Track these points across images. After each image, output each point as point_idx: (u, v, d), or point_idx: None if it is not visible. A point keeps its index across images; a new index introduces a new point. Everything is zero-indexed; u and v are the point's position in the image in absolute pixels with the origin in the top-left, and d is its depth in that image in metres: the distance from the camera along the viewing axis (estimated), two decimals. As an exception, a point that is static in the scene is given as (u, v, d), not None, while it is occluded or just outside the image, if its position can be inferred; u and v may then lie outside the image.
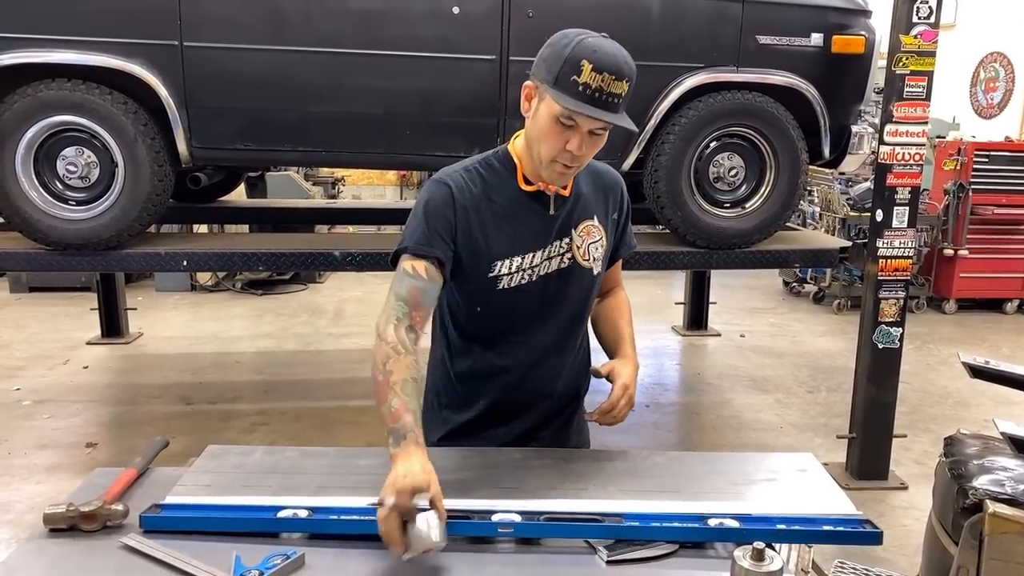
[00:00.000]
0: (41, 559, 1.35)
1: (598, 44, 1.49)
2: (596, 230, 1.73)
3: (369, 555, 1.36)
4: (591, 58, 1.47)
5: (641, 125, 3.50)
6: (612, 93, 1.48)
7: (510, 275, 1.65)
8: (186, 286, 7.46)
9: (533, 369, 1.73)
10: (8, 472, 3.80)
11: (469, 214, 1.61)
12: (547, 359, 1.74)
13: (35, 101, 3.25)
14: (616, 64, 1.48)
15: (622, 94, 1.50)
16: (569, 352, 1.78)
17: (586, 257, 1.71)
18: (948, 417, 4.67)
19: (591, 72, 1.46)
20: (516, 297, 1.66)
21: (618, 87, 1.49)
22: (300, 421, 4.51)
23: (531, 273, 1.66)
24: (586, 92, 1.47)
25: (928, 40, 3.46)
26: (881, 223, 3.63)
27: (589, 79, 1.46)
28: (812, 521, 1.42)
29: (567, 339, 1.76)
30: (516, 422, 1.77)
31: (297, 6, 3.38)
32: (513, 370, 1.72)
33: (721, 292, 6.91)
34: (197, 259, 3.65)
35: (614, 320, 1.84)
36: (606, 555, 1.35)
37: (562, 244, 1.68)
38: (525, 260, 1.65)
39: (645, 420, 4.66)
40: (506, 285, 1.65)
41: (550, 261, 1.68)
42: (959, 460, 2.01)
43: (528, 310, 1.69)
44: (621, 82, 1.49)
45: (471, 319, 1.71)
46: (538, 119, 1.55)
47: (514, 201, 1.65)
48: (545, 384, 1.76)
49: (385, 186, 11.68)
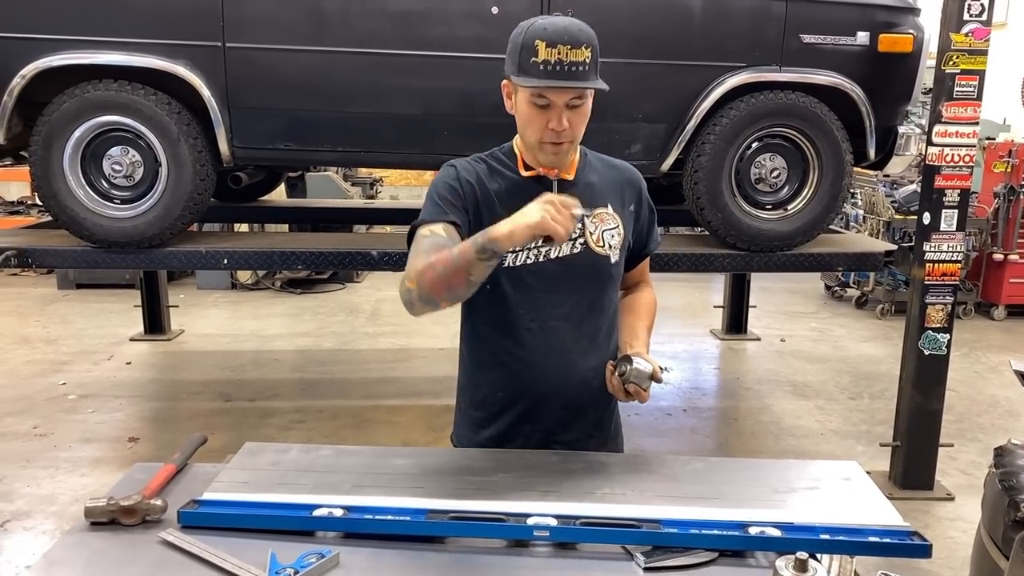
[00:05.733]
0: (82, 552, 1.37)
1: (548, 22, 1.56)
2: (611, 218, 1.72)
3: (404, 555, 1.35)
4: (543, 36, 1.53)
5: (681, 125, 3.46)
6: (573, 62, 1.53)
7: (514, 253, 1.65)
8: (227, 284, 7.58)
9: (549, 359, 1.70)
10: (53, 464, 3.89)
11: (475, 189, 1.68)
12: (563, 349, 1.71)
13: (83, 101, 3.32)
14: (569, 34, 1.53)
15: (585, 60, 1.54)
16: (589, 345, 1.73)
17: (600, 243, 1.70)
18: (997, 427, 4.54)
19: (546, 49, 1.52)
20: (523, 277, 1.67)
21: (578, 55, 1.53)
22: (336, 419, 4.55)
23: (537, 253, 1.67)
24: (547, 69, 1.53)
25: (980, 38, 3.37)
26: (929, 226, 3.54)
27: (547, 56, 1.52)
28: (857, 532, 1.38)
29: (584, 329, 1.72)
30: (538, 418, 1.74)
31: (337, 7, 3.40)
32: (528, 360, 1.70)
33: (761, 296, 6.82)
34: (237, 257, 3.69)
35: (630, 316, 1.81)
36: (643, 562, 1.33)
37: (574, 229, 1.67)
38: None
39: (682, 424, 4.61)
40: (511, 263, 1.66)
41: (559, 245, 1.66)
42: (1010, 471, 1.94)
43: (538, 292, 1.68)
44: (579, 49, 1.53)
45: (486, 302, 1.69)
46: (518, 110, 1.63)
47: (516, 184, 1.69)
48: (561, 377, 1.71)
49: (423, 187, 11.73)
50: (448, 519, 1.40)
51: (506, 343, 1.72)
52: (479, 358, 1.77)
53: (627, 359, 1.65)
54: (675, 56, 3.50)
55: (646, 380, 1.62)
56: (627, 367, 1.63)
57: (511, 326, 1.71)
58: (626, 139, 3.47)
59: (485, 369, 1.77)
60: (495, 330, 1.73)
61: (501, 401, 1.75)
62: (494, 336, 1.73)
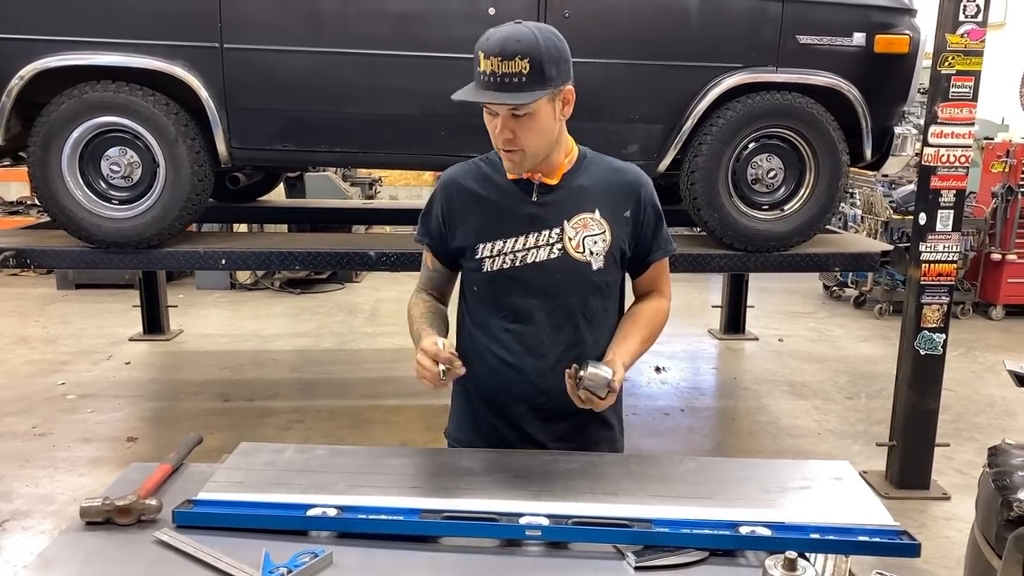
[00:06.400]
0: (77, 552, 1.38)
1: (493, 32, 1.55)
2: (596, 224, 1.71)
3: (397, 554, 1.36)
4: (483, 47, 1.54)
5: (678, 126, 3.47)
6: (508, 73, 1.51)
7: (491, 258, 1.71)
8: (226, 284, 7.59)
9: (525, 359, 1.72)
10: (52, 464, 3.90)
11: (453, 201, 1.74)
12: (539, 352, 1.72)
13: (81, 102, 3.33)
14: (500, 46, 1.51)
15: (521, 72, 1.51)
16: (569, 351, 1.71)
17: (579, 249, 1.70)
18: (994, 426, 4.55)
19: (484, 60, 1.53)
20: (502, 281, 1.71)
21: (510, 67, 1.51)
22: (335, 419, 4.56)
23: (513, 258, 1.70)
24: (485, 79, 1.54)
25: (975, 39, 3.37)
26: (924, 226, 3.55)
27: (484, 67, 1.53)
28: (847, 531, 1.39)
29: (564, 335, 1.72)
30: (510, 416, 1.76)
31: (335, 8, 3.41)
32: (504, 358, 1.73)
33: (759, 296, 6.82)
34: (236, 258, 3.70)
35: (626, 322, 1.78)
36: (634, 561, 1.34)
37: (551, 234, 1.69)
38: (507, 244, 1.70)
39: (680, 424, 4.61)
40: (489, 268, 1.71)
41: (538, 250, 1.69)
42: (1004, 471, 1.95)
43: (516, 296, 1.72)
44: (511, 61, 1.51)
45: (473, 303, 1.79)
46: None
47: (500, 189, 1.73)
48: (535, 378, 1.72)
49: (422, 187, 11.73)
50: (441, 519, 1.41)
51: (485, 340, 1.76)
52: (463, 349, 1.80)
53: (586, 362, 1.58)
54: (672, 57, 3.50)
55: (602, 388, 1.56)
56: (584, 370, 1.57)
57: (491, 325, 1.75)
58: (623, 140, 3.47)
59: (466, 360, 1.76)
60: (477, 327, 1.78)
61: (478, 394, 1.80)
62: (476, 333, 1.78)
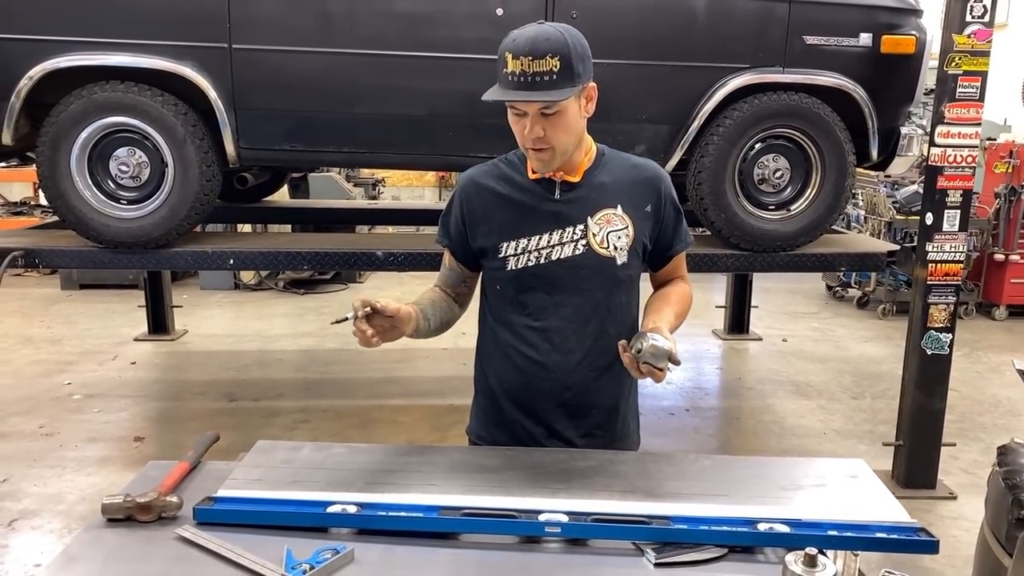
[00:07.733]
0: (99, 548, 1.39)
1: (519, 33, 1.58)
2: (618, 219, 1.73)
3: (417, 551, 1.37)
4: (510, 48, 1.56)
5: (685, 126, 3.48)
6: (537, 72, 1.54)
7: (516, 256, 1.73)
8: (230, 284, 7.59)
9: (551, 356, 1.74)
10: (60, 464, 3.91)
11: (474, 201, 1.77)
12: (565, 348, 1.74)
13: (90, 103, 3.34)
14: (530, 45, 1.54)
15: (551, 70, 1.54)
16: (594, 346, 1.74)
17: (604, 245, 1.72)
18: (999, 426, 4.56)
19: (512, 60, 1.55)
20: (526, 279, 1.73)
21: (541, 65, 1.54)
22: (340, 419, 4.56)
23: (538, 255, 1.72)
24: (514, 80, 1.56)
25: (982, 39, 3.39)
26: (931, 226, 3.56)
27: (513, 67, 1.55)
28: (865, 528, 1.40)
29: (590, 330, 1.74)
30: (537, 413, 1.77)
31: (343, 9, 3.42)
32: (529, 355, 1.75)
33: (763, 296, 6.83)
34: (243, 258, 3.71)
35: (657, 300, 1.81)
36: (654, 557, 1.35)
37: (576, 230, 1.71)
38: (531, 242, 1.72)
39: (685, 424, 4.62)
40: (513, 266, 1.73)
41: (562, 247, 1.71)
42: (1014, 470, 1.95)
43: (540, 293, 1.73)
44: (542, 60, 1.54)
45: (497, 302, 1.80)
46: (508, 117, 1.67)
47: (521, 188, 1.75)
48: (561, 374, 1.74)
49: (424, 187, 11.76)
50: (461, 516, 1.42)
51: (509, 338, 1.77)
52: (487, 348, 1.83)
53: (643, 336, 1.57)
54: (679, 57, 3.51)
55: (662, 359, 1.54)
56: (642, 343, 1.54)
57: (515, 323, 1.76)
58: (630, 140, 3.47)
59: (491, 359, 1.82)
60: (501, 325, 1.79)
61: (504, 392, 1.80)
62: (500, 331, 1.79)
